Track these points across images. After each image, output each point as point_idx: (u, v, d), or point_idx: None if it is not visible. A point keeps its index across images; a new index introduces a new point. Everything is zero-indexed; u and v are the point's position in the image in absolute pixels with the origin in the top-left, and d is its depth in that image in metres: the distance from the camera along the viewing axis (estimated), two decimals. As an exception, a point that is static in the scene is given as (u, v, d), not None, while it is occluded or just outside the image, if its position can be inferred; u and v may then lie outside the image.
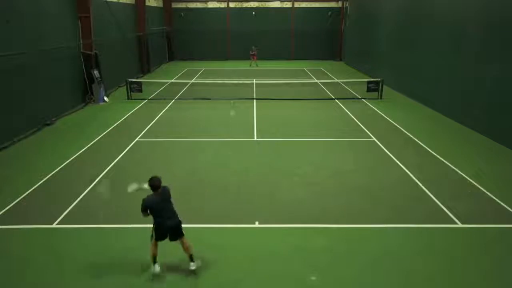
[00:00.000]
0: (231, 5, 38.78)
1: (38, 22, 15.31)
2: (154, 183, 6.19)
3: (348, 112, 17.51)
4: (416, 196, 9.36)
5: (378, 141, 13.45)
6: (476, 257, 7.00)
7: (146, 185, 6.31)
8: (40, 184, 10.01)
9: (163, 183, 6.36)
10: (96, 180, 10.22)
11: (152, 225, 6.33)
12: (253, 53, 34.49)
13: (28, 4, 14.60)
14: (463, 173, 10.63)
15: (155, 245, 6.39)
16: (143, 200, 6.19)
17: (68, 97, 17.80)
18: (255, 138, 13.90)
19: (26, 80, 14.30)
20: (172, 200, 6.45)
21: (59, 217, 8.36)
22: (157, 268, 6.45)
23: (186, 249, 6.45)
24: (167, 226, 6.25)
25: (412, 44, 20.40)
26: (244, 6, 38.80)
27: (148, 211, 6.21)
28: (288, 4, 38.74)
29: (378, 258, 6.95)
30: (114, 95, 21.72)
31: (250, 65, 34.33)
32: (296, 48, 39.25)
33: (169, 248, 6.63)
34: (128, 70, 25.55)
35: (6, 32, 13.18)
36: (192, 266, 6.47)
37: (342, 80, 24.43)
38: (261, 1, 38.72)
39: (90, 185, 9.93)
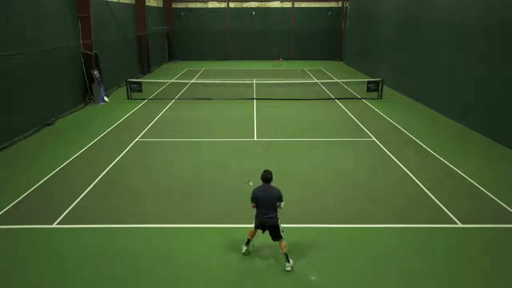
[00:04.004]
0: (231, 5, 38.79)
1: (38, 22, 15.31)
2: (266, 175, 6.66)
3: (348, 112, 17.51)
4: (416, 196, 9.36)
5: (378, 141, 13.44)
6: (476, 257, 6.99)
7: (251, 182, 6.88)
8: (40, 184, 10.01)
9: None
10: (96, 180, 10.22)
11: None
12: (279, 54, 35.92)
13: (28, 4, 14.60)
14: (463, 173, 10.63)
15: (253, 231, 6.86)
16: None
17: (68, 97, 17.80)
18: (255, 138, 13.90)
19: (26, 80, 14.30)
20: (281, 205, 6.65)
21: (59, 217, 8.36)
22: (244, 248, 6.97)
23: (281, 248, 6.64)
24: (263, 223, 6.57)
25: (412, 44, 20.39)
26: (244, 6, 38.80)
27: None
28: (288, 4, 38.74)
29: (378, 258, 6.94)
30: (114, 95, 21.72)
31: (274, 65, 34.55)
32: (296, 48, 39.25)
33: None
34: (128, 70, 25.55)
35: (6, 32, 13.18)
36: (287, 267, 6.59)
37: (342, 80, 24.43)
38: (261, 1, 38.73)
39: (90, 185, 9.93)
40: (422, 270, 6.61)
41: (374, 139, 13.69)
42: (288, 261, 6.62)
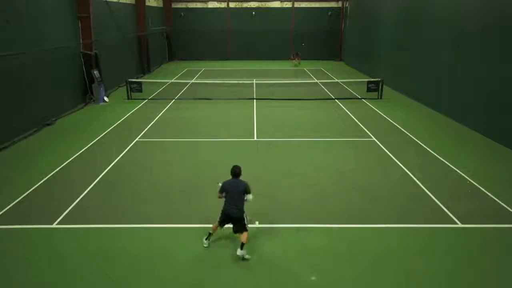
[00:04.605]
0: (231, 5, 38.78)
1: (38, 22, 15.31)
2: (235, 170, 7.17)
3: (348, 112, 17.51)
4: (416, 196, 9.36)
5: (378, 141, 13.44)
6: (476, 257, 7.00)
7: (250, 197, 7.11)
8: (40, 184, 10.01)
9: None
10: (96, 180, 10.22)
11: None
12: (296, 54, 35.89)
13: (28, 4, 14.60)
14: (463, 173, 10.63)
15: (217, 225, 7.19)
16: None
17: (68, 97, 17.80)
18: (255, 138, 13.90)
19: (26, 80, 14.30)
20: (249, 197, 7.07)
21: (59, 217, 8.36)
22: (205, 242, 7.24)
23: (241, 239, 6.94)
24: (228, 214, 6.95)
25: (412, 44, 20.39)
26: (244, 6, 38.80)
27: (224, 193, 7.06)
28: (288, 4, 38.74)
29: (378, 258, 6.95)
30: (114, 95, 21.72)
31: (294, 65, 34.82)
32: (296, 48, 39.23)
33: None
34: (128, 70, 25.55)
35: (6, 32, 13.18)
36: (239, 252, 6.86)
37: (342, 80, 24.43)
38: (261, 1, 38.73)
39: (90, 185, 9.93)
40: (422, 270, 6.61)
41: (374, 139, 13.69)
42: (241, 249, 6.85)
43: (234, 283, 6.37)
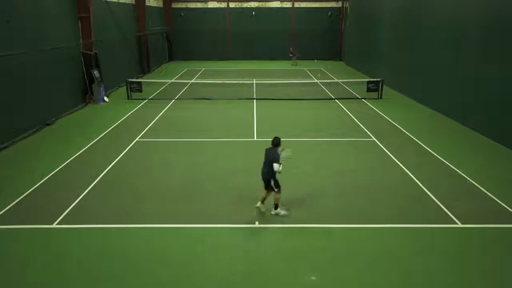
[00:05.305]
0: (231, 5, 38.78)
1: (38, 22, 15.31)
2: (274, 140, 8.28)
3: (348, 112, 17.51)
4: (416, 196, 9.36)
5: (378, 141, 13.44)
6: (476, 257, 7.00)
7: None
8: (40, 184, 10.01)
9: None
10: (96, 180, 10.22)
11: None
12: (292, 54, 35.95)
13: (28, 4, 14.60)
14: (463, 173, 10.63)
15: (265, 192, 8.37)
16: None
17: (68, 97, 17.80)
18: (255, 138, 13.90)
19: (26, 80, 14.30)
20: (275, 167, 7.86)
21: (59, 217, 8.36)
22: (262, 206, 8.34)
23: (275, 199, 8.31)
24: (262, 175, 8.25)
25: (412, 44, 20.39)
26: (244, 6, 38.80)
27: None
28: (288, 4, 38.74)
29: (378, 258, 6.95)
30: (114, 95, 21.72)
31: (292, 64, 35.05)
32: (296, 48, 39.21)
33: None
34: (128, 70, 25.55)
35: (6, 32, 13.18)
36: (273, 211, 8.33)
37: (342, 80, 24.43)
38: (261, 1, 38.72)
39: (90, 185, 9.93)
40: (422, 270, 6.61)
41: (374, 139, 13.69)
42: (276, 209, 8.28)
43: (234, 282, 6.37)
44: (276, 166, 7.83)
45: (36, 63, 14.96)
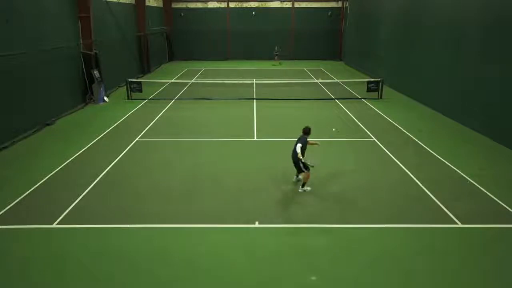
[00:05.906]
0: (231, 5, 38.77)
1: (38, 22, 15.30)
2: (304, 128, 9.48)
3: (348, 112, 17.51)
4: (416, 196, 9.36)
5: (378, 141, 13.44)
6: (476, 257, 7.00)
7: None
8: (40, 184, 10.01)
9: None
10: (96, 180, 10.22)
11: None
12: (276, 53, 35.85)
13: (28, 4, 14.60)
14: (463, 173, 10.63)
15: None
16: None
17: (68, 97, 17.79)
18: (255, 138, 13.90)
19: (26, 80, 14.30)
20: (295, 147, 9.10)
21: (59, 217, 8.36)
22: (298, 178, 9.88)
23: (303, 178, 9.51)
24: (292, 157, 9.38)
25: (412, 44, 20.39)
26: (244, 6, 38.79)
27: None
28: (288, 4, 38.73)
29: (378, 258, 6.95)
30: (114, 95, 21.72)
31: (273, 65, 34.78)
32: (296, 48, 39.26)
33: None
34: (128, 70, 25.55)
35: (6, 32, 13.18)
36: (300, 188, 9.54)
37: (342, 80, 24.42)
38: (261, 1, 38.72)
39: (90, 185, 9.93)
40: (422, 270, 6.61)
41: (374, 139, 13.69)
42: (303, 187, 9.48)
43: (233, 282, 6.37)
44: (298, 147, 8.97)
45: (36, 63, 14.96)
